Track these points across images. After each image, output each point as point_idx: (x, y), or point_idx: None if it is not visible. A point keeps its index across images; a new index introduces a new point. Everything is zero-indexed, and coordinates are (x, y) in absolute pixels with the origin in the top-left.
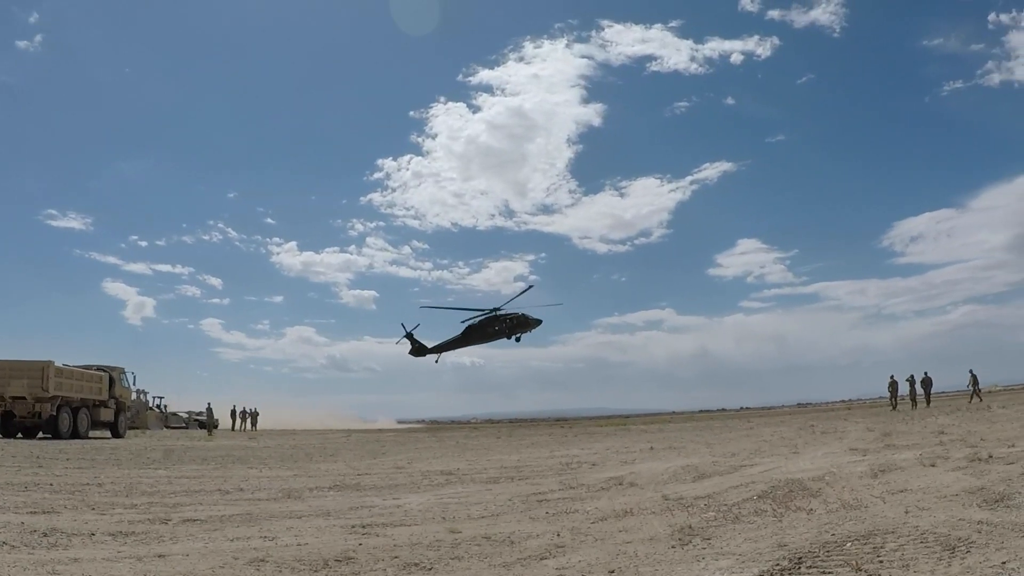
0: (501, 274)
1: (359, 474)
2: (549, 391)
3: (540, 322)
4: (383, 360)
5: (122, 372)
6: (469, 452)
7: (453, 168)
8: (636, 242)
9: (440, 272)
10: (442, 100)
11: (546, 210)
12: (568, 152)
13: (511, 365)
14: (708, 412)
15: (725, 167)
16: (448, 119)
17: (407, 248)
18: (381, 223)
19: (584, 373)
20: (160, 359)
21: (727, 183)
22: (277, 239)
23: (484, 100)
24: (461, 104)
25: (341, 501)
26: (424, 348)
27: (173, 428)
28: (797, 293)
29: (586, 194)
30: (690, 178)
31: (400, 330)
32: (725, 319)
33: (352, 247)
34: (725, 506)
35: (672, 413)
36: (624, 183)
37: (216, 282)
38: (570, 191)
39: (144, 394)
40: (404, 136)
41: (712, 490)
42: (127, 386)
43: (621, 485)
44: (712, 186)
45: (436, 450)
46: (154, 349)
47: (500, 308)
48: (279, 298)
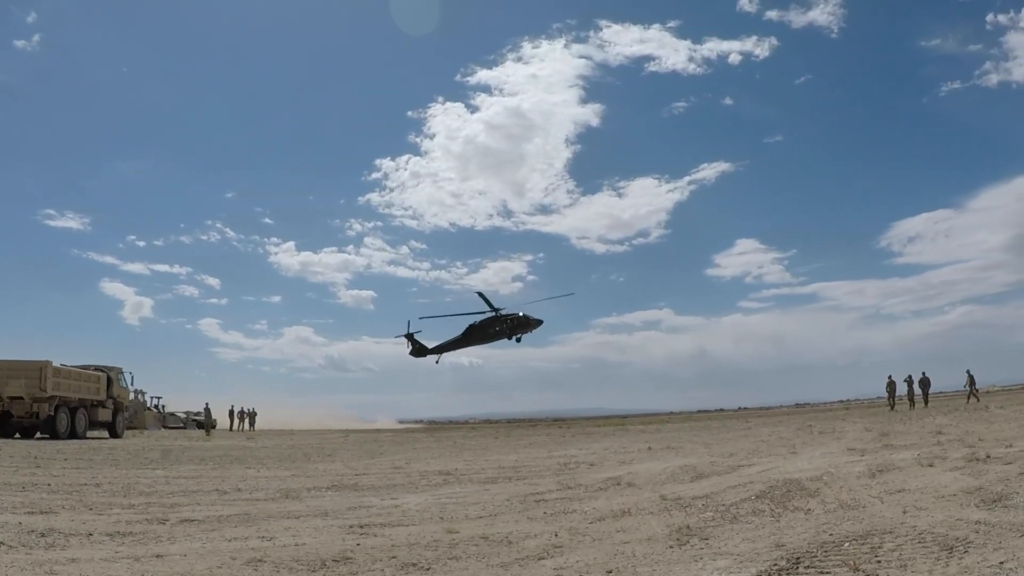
0: (499, 274)
1: (357, 474)
2: (547, 391)
3: (541, 322)
4: (381, 360)
5: (120, 372)
6: (467, 452)
7: (451, 168)
8: (634, 242)
9: (438, 272)
10: (440, 100)
11: (544, 210)
12: (566, 152)
13: (509, 365)
14: (706, 412)
15: (723, 167)
16: (446, 119)
17: (405, 248)
18: (379, 223)
19: (582, 373)
20: (158, 359)
21: (725, 183)
22: (275, 239)
23: (482, 100)
24: (459, 104)
25: (339, 501)
26: (424, 349)
27: (171, 428)
28: (795, 293)
29: (584, 194)
30: (688, 178)
31: (408, 328)
32: (723, 319)
33: (350, 247)
34: (723, 506)
35: (670, 413)
36: (622, 183)
37: (214, 282)
38: (568, 191)
39: (142, 394)
40: (402, 136)
41: (710, 490)
42: (125, 386)
43: (619, 485)
44: (710, 186)
45: (434, 450)
46: (152, 349)
47: (501, 309)
48: (277, 298)
